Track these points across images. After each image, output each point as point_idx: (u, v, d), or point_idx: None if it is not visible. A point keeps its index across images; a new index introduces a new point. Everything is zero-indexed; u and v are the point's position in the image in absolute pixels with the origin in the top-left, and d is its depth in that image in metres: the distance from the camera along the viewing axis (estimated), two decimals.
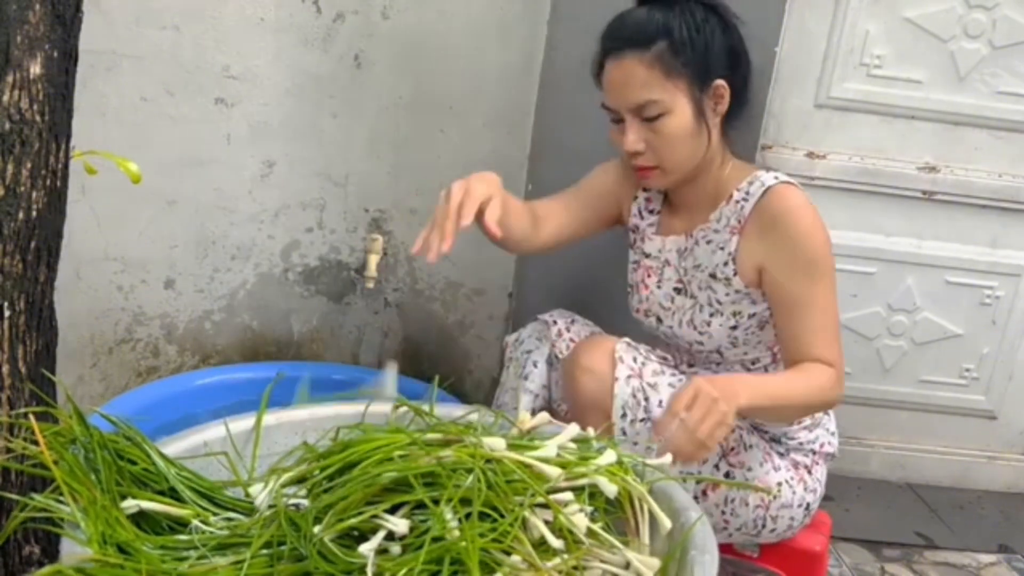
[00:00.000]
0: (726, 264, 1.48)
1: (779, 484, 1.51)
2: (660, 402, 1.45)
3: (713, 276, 1.50)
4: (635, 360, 1.46)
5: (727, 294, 1.49)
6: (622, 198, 1.65)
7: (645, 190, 1.62)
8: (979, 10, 2.07)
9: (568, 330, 1.63)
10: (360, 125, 1.99)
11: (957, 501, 2.31)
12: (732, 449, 1.48)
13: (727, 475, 1.48)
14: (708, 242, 1.50)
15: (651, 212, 1.62)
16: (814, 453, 1.57)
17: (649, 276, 1.60)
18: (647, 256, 1.60)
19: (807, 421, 1.55)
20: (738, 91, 1.47)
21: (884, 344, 2.27)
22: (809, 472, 1.55)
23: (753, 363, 1.54)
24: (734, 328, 1.50)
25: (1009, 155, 2.18)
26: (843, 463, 2.32)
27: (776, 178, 1.46)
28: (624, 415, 1.43)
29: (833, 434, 1.61)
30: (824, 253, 1.44)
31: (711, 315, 1.51)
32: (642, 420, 1.43)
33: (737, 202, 1.47)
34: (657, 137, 1.44)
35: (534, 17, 1.95)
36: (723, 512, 1.49)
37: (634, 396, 1.43)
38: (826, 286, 1.44)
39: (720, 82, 1.44)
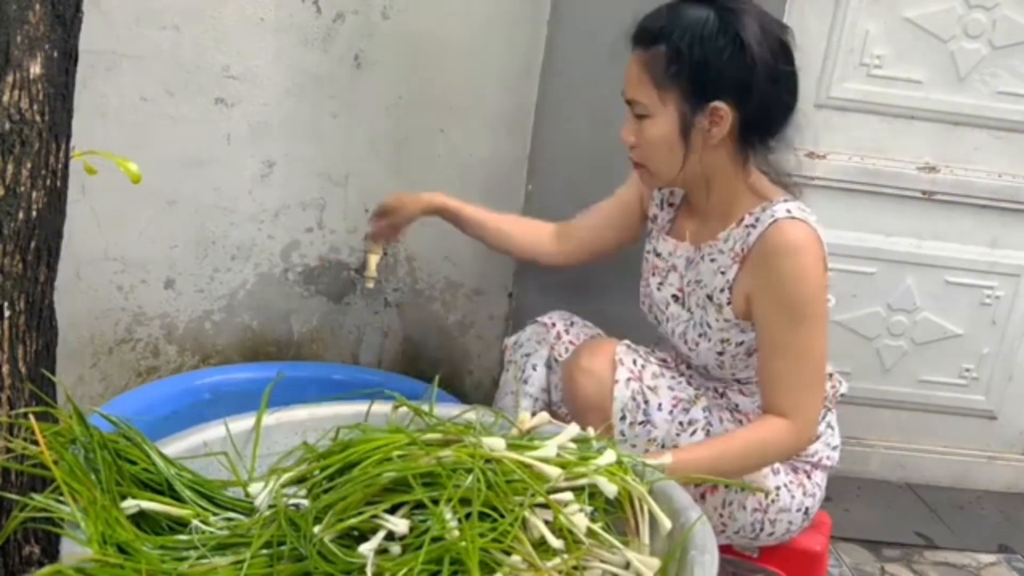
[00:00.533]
0: (722, 291, 1.45)
1: (777, 488, 1.50)
2: (660, 405, 1.44)
3: (709, 298, 1.47)
4: (635, 363, 1.46)
5: (716, 320, 1.46)
6: (645, 192, 1.63)
7: None
8: (979, 10, 2.07)
9: (567, 332, 1.62)
10: (360, 125, 1.99)
11: (957, 501, 2.31)
12: None
13: (715, 489, 1.47)
14: (712, 260, 1.47)
15: (670, 205, 1.60)
16: (812, 466, 1.56)
17: (653, 275, 1.59)
18: (657, 255, 1.59)
19: None
20: (753, 121, 1.40)
21: (884, 344, 2.27)
22: (808, 477, 1.54)
23: (744, 381, 1.53)
24: (721, 353, 1.48)
25: (1009, 155, 2.18)
26: (843, 463, 2.31)
27: (788, 211, 1.39)
28: (623, 417, 1.43)
29: (835, 448, 1.59)
30: (811, 299, 1.37)
31: (700, 336, 1.49)
32: (641, 423, 1.43)
33: (746, 227, 1.42)
34: (640, 137, 1.43)
35: (534, 17, 1.95)
36: (721, 515, 1.48)
37: (633, 399, 1.43)
38: (807, 333, 1.38)
39: (719, 105, 1.37)
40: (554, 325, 1.63)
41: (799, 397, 1.39)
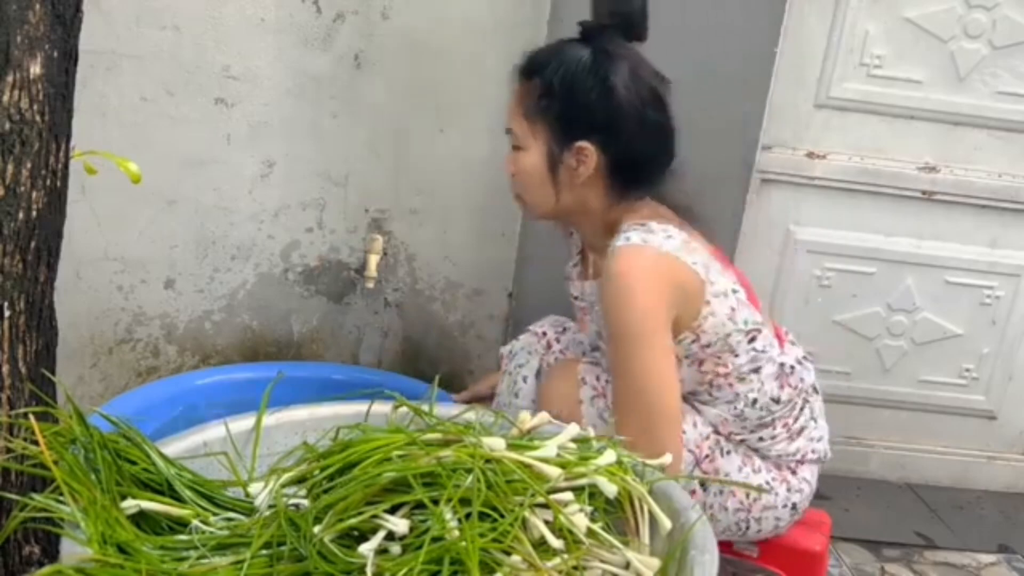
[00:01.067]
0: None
1: (761, 484, 1.49)
2: None
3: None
4: (598, 379, 1.46)
5: None
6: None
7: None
8: (979, 10, 2.07)
9: (558, 340, 1.63)
10: (360, 125, 1.99)
11: (957, 501, 2.31)
12: (707, 456, 1.46)
13: (702, 484, 1.46)
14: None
15: (577, 252, 1.62)
16: (797, 462, 1.54)
17: (585, 315, 1.60)
18: (575, 299, 1.60)
19: (782, 433, 1.51)
20: (621, 165, 1.40)
21: (884, 344, 2.27)
22: (793, 473, 1.53)
23: (695, 393, 1.50)
24: None
25: (1009, 155, 2.18)
26: (843, 463, 2.32)
27: (627, 239, 1.36)
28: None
29: (820, 440, 1.57)
30: (636, 326, 1.33)
31: None
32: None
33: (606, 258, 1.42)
34: (515, 167, 1.45)
35: (534, 18, 1.95)
36: None
37: (600, 416, 1.43)
38: (639, 359, 1.34)
39: (583, 144, 1.38)
40: (545, 334, 1.63)
41: (622, 420, 1.36)
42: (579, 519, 0.99)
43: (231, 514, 1.11)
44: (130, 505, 1.06)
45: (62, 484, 1.02)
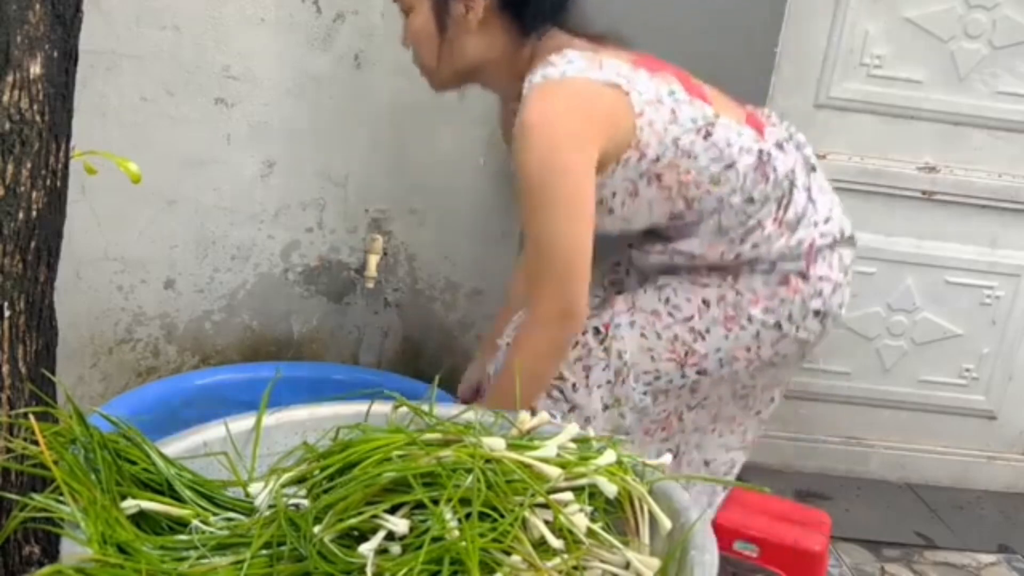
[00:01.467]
0: None
1: (757, 330, 1.42)
2: (574, 385, 1.42)
3: None
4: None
5: None
6: None
7: None
8: (979, 10, 2.07)
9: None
10: (360, 125, 1.99)
11: (957, 501, 2.31)
12: (686, 353, 1.41)
13: (697, 379, 1.41)
14: None
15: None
16: (805, 259, 1.42)
17: None
18: None
19: (774, 231, 1.40)
20: (512, 3, 1.36)
21: (884, 344, 2.27)
22: (805, 277, 1.42)
23: (670, 221, 1.43)
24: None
25: (1009, 155, 2.18)
26: (843, 463, 2.32)
27: (531, 82, 1.31)
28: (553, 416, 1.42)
29: (828, 220, 1.45)
30: (539, 179, 1.28)
31: None
32: (570, 410, 1.43)
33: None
34: (409, 35, 1.43)
35: None
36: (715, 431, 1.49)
37: (550, 396, 1.43)
38: (544, 216, 1.29)
39: None
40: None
41: (536, 287, 1.33)
42: (579, 519, 0.99)
43: (231, 514, 1.11)
44: (130, 505, 1.06)
45: (62, 484, 1.02)
